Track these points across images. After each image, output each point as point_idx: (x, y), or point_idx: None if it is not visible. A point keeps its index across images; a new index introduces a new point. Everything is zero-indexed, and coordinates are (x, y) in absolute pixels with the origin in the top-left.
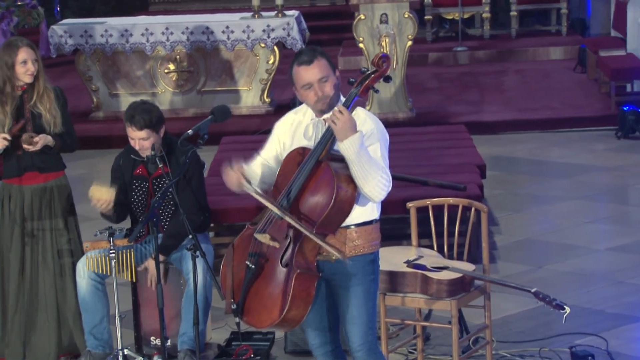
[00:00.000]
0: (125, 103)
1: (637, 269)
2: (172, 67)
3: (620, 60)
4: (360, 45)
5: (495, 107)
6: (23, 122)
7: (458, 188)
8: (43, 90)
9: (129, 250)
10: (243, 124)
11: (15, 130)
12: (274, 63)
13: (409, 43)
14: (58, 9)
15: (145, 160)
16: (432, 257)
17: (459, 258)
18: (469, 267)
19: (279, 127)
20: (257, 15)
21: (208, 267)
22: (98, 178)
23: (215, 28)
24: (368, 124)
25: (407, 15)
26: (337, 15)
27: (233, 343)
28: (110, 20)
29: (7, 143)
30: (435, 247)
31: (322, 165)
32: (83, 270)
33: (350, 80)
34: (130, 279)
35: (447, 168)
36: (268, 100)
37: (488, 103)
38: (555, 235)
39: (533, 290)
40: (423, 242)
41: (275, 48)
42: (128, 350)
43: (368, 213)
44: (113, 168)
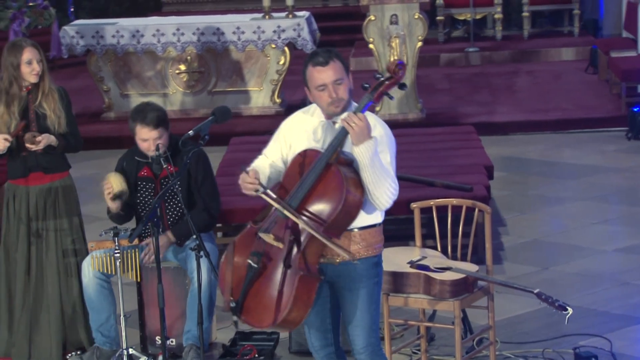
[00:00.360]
0: (136, 104)
1: None
2: (183, 67)
3: (631, 61)
4: (371, 46)
5: (506, 108)
6: (23, 123)
7: (464, 189)
8: (48, 91)
9: (134, 250)
10: (253, 125)
11: (17, 132)
12: (285, 64)
13: (419, 44)
14: (72, 10)
15: (150, 162)
16: (435, 257)
17: (463, 259)
18: (472, 267)
19: (286, 126)
20: (267, 16)
21: (212, 267)
22: None
23: (226, 29)
24: (378, 130)
25: (417, 16)
26: (349, 16)
27: (238, 343)
28: (122, 21)
29: (7, 144)
30: (439, 247)
31: (332, 169)
32: (88, 270)
33: (364, 85)
34: (135, 279)
35: (454, 169)
36: (278, 101)
37: (499, 104)
38: (563, 236)
39: (536, 291)
40: (429, 242)
41: (286, 49)
42: (133, 350)
43: (372, 217)
44: (116, 171)
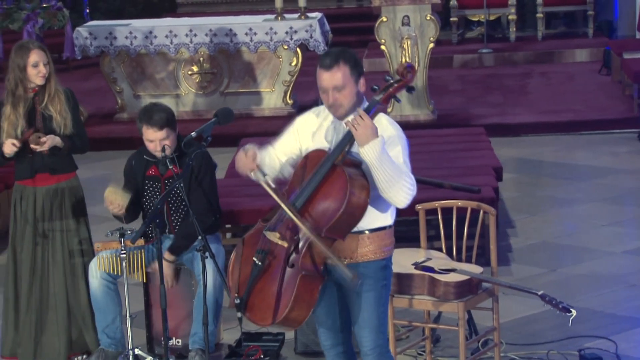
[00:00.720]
0: None
1: None
2: (195, 68)
3: None
4: (382, 48)
5: (519, 109)
6: (32, 130)
7: (472, 190)
8: (54, 92)
9: (140, 251)
10: (265, 126)
11: (26, 137)
12: (297, 65)
13: (431, 45)
14: (87, 11)
15: (158, 161)
16: (440, 259)
17: (468, 260)
18: (477, 269)
19: (300, 122)
20: (280, 18)
21: (218, 268)
22: (120, 179)
23: (239, 30)
24: (389, 130)
25: (429, 18)
26: (363, 17)
27: (243, 343)
28: (135, 22)
29: (15, 149)
30: (444, 249)
31: (337, 170)
32: (95, 271)
33: (374, 88)
34: (141, 279)
35: (463, 170)
36: (290, 102)
37: (511, 105)
38: (572, 238)
39: (540, 293)
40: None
41: (298, 50)
42: (139, 350)
43: (383, 218)
44: (125, 169)
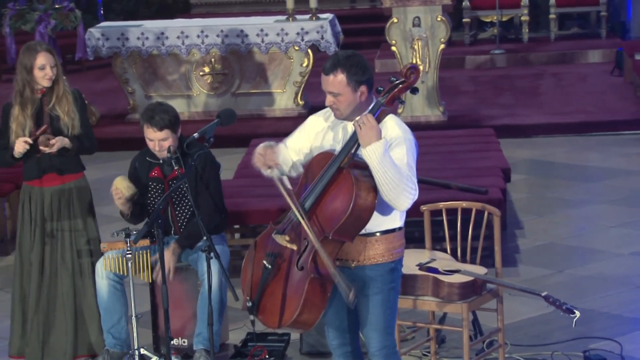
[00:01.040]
0: None
1: None
2: (206, 69)
3: None
4: (393, 49)
5: (529, 110)
6: (45, 127)
7: (479, 192)
8: (62, 94)
9: (146, 251)
10: (276, 127)
11: (38, 134)
12: (308, 66)
13: (442, 46)
14: (101, 12)
15: (161, 163)
16: (444, 260)
17: (473, 262)
18: (481, 270)
19: (312, 122)
20: (291, 19)
21: (222, 269)
22: None
23: (250, 31)
24: (395, 131)
25: (439, 19)
26: (376, 18)
27: (249, 344)
28: (146, 23)
29: (27, 147)
30: (449, 250)
31: (343, 172)
32: (101, 271)
33: (379, 89)
34: (147, 280)
35: (471, 171)
36: (302, 103)
37: (522, 106)
38: (580, 240)
39: (543, 294)
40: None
41: (309, 51)
42: (144, 350)
43: (392, 221)
44: (129, 172)
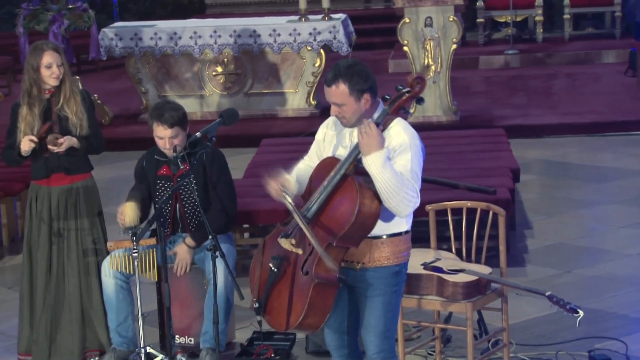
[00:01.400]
0: None
1: None
2: (219, 69)
3: None
4: (405, 49)
5: (542, 110)
6: (49, 124)
7: (488, 192)
8: (70, 94)
9: (152, 250)
10: (288, 127)
11: (42, 133)
12: (320, 66)
13: (454, 46)
14: (117, 13)
15: (169, 160)
16: (449, 259)
17: (479, 261)
18: (485, 269)
19: (321, 131)
20: (303, 19)
21: (228, 268)
22: None
23: (262, 31)
24: (402, 137)
25: (451, 19)
26: (390, 18)
27: (255, 342)
28: (160, 23)
29: (33, 145)
30: (454, 250)
31: (348, 180)
32: (108, 269)
33: (385, 97)
34: (154, 278)
35: (480, 171)
36: (314, 103)
37: (534, 106)
38: (589, 240)
39: (547, 294)
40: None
41: (322, 51)
42: (150, 348)
43: (398, 224)
44: (136, 170)
